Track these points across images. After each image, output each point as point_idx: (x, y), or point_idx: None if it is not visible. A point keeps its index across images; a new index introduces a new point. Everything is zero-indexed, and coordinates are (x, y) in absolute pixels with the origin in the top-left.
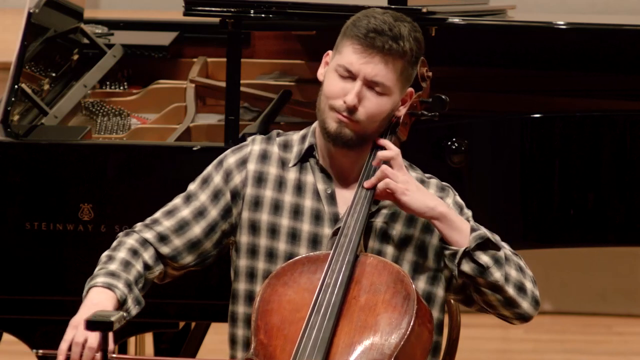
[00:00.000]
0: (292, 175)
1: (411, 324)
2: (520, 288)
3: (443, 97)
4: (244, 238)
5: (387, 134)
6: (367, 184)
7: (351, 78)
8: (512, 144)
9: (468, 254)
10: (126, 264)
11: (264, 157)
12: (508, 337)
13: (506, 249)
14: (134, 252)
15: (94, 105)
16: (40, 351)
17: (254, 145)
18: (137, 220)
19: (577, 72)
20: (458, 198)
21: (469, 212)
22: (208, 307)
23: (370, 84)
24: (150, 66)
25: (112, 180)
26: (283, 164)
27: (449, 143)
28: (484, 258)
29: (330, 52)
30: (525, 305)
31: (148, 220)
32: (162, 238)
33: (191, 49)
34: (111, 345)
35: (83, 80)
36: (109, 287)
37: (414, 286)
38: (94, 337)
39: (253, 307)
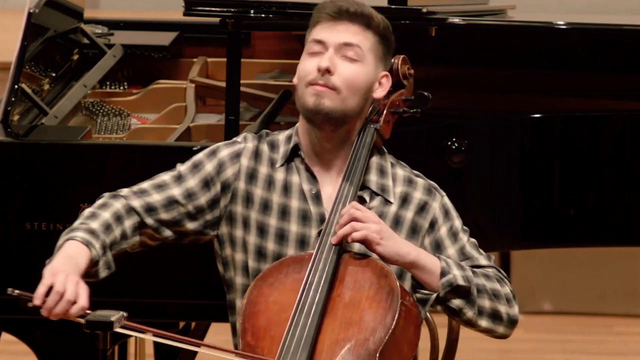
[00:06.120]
0: (280, 175)
1: (395, 318)
2: (495, 316)
3: (425, 93)
4: (238, 232)
5: (368, 125)
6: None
7: (323, 51)
8: (512, 144)
9: (438, 300)
10: (107, 227)
11: (256, 155)
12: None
13: (478, 274)
14: (118, 218)
15: (94, 105)
16: (16, 291)
17: (247, 143)
18: None
19: (577, 72)
20: (446, 199)
21: (456, 220)
22: (208, 307)
23: (341, 49)
24: (150, 66)
25: (112, 180)
26: (272, 163)
27: (449, 143)
28: (455, 302)
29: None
30: (501, 329)
31: (135, 188)
32: (150, 209)
33: (191, 49)
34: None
35: (83, 80)
36: (87, 244)
37: (397, 282)
38: (72, 290)
39: (239, 310)
